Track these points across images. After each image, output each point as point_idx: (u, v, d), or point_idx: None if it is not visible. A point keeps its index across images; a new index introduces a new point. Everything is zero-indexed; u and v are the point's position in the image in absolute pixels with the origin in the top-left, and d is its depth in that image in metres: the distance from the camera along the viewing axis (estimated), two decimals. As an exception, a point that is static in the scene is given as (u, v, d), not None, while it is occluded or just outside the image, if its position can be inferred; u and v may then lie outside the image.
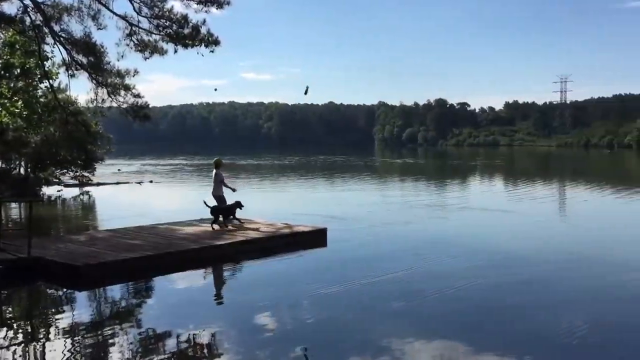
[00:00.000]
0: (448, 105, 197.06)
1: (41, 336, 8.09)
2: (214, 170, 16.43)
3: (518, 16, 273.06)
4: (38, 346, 7.59)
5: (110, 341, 7.62)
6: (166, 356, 7.10)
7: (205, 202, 15.54)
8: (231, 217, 15.41)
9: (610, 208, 23.75)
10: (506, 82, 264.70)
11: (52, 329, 8.31)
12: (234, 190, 16.19)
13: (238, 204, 15.44)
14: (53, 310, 9.38)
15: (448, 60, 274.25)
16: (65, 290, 10.55)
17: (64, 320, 8.62)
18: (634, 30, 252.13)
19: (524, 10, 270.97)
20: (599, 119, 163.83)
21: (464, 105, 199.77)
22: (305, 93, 21.54)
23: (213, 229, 14.93)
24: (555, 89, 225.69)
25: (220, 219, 15.28)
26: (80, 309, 9.19)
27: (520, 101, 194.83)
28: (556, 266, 12.30)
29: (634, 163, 71.61)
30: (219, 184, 16.05)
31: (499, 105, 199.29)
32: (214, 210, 15.28)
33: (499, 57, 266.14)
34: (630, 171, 56.88)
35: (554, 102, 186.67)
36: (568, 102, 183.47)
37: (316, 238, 14.80)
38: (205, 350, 7.39)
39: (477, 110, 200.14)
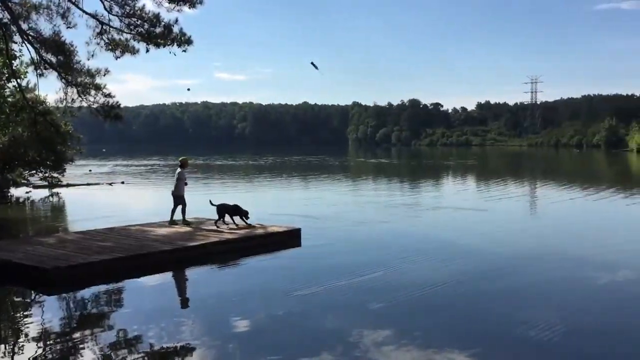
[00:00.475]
0: (421, 106, 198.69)
1: (9, 341, 7.88)
2: (178, 169, 16.27)
3: (489, 17, 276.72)
4: (5, 352, 7.39)
5: (80, 346, 7.47)
6: (138, 360, 7.00)
7: (210, 201, 15.56)
8: (243, 217, 15.42)
9: (591, 208, 23.88)
10: (478, 82, 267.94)
11: (20, 334, 8.11)
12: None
13: (245, 213, 15.40)
14: (21, 314, 9.17)
15: (421, 61, 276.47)
16: (33, 293, 10.32)
17: (32, 324, 8.42)
18: (602, 32, 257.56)
19: (495, 12, 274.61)
20: (568, 119, 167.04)
21: (437, 105, 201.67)
22: (315, 67, 21.46)
23: (217, 227, 15.02)
24: (525, 90, 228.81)
25: (227, 218, 15.36)
26: (50, 313, 9.00)
27: (492, 102, 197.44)
28: (534, 267, 12.33)
29: (603, 163, 73.03)
30: (180, 182, 15.89)
31: (471, 106, 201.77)
32: (220, 209, 15.32)
33: (471, 58, 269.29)
34: (600, 171, 57.97)
35: (525, 103, 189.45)
36: (538, 102, 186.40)
37: (290, 238, 14.76)
38: (177, 355, 7.29)
39: (449, 111, 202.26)
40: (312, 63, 23.56)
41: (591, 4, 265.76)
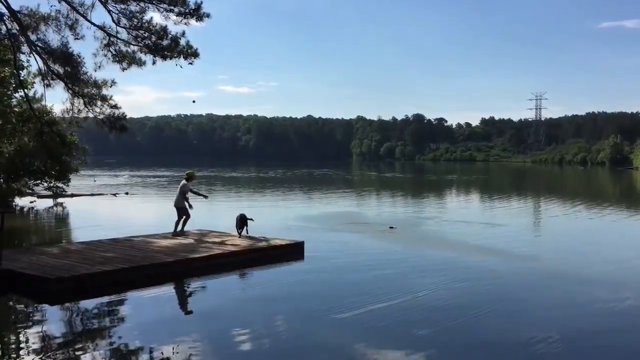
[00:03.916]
0: (425, 121, 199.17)
1: (10, 352, 7.85)
2: (183, 181, 16.40)
3: (494, 34, 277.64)
4: (6, 362, 7.38)
5: (81, 357, 7.44)
6: (139, 372, 6.97)
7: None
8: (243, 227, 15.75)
9: (604, 227, 23.74)
10: (482, 98, 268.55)
11: (22, 344, 8.09)
12: (205, 197, 16.94)
13: (248, 219, 15.74)
14: (23, 324, 9.13)
15: (426, 76, 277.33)
16: (36, 304, 10.29)
17: (34, 335, 8.39)
18: (606, 50, 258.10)
19: (500, 29, 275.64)
20: (572, 136, 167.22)
21: (441, 120, 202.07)
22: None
23: (240, 236, 15.46)
24: (530, 106, 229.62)
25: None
26: (51, 323, 8.97)
27: (496, 117, 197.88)
28: (555, 288, 12.06)
29: (610, 180, 72.86)
30: (182, 195, 16.04)
31: (475, 121, 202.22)
32: (238, 220, 15.70)
33: (475, 74, 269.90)
34: (609, 188, 57.85)
35: (529, 119, 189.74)
36: (543, 119, 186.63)
37: (293, 251, 14.73)
38: (180, 366, 7.26)
39: (454, 126, 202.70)
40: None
41: (595, 22, 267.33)
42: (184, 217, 16.05)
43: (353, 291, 11.10)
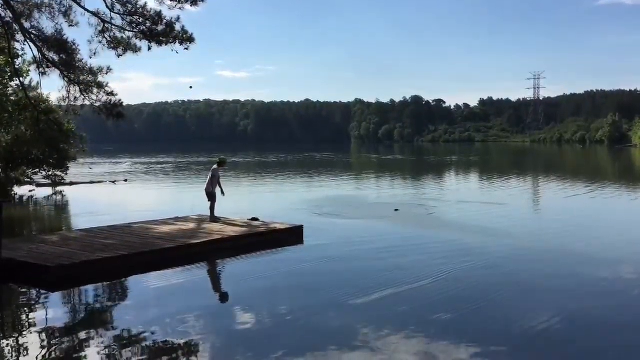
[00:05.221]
0: (424, 102, 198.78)
1: (12, 339, 7.89)
2: (214, 166, 16.31)
3: (491, 13, 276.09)
4: (9, 349, 7.41)
5: (84, 344, 7.48)
6: (141, 358, 7.00)
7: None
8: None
9: (610, 206, 23.60)
10: (480, 78, 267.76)
11: (23, 332, 8.14)
12: (222, 193, 16.30)
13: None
14: (25, 312, 9.17)
15: (424, 57, 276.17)
16: (37, 292, 10.32)
17: (36, 322, 8.44)
18: (605, 27, 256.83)
19: (497, 8, 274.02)
20: (571, 115, 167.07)
21: (439, 102, 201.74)
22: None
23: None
24: (528, 86, 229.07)
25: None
26: (53, 311, 9.01)
27: (495, 98, 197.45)
28: (557, 268, 12.05)
29: (610, 159, 72.83)
30: (213, 179, 15.98)
31: (473, 102, 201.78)
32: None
33: (473, 54, 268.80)
34: (611, 167, 57.85)
35: (528, 99, 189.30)
36: (541, 98, 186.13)
37: (293, 236, 14.75)
38: (181, 352, 7.29)
39: (452, 107, 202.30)
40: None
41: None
42: (212, 202, 15.91)
43: (355, 276, 11.10)
